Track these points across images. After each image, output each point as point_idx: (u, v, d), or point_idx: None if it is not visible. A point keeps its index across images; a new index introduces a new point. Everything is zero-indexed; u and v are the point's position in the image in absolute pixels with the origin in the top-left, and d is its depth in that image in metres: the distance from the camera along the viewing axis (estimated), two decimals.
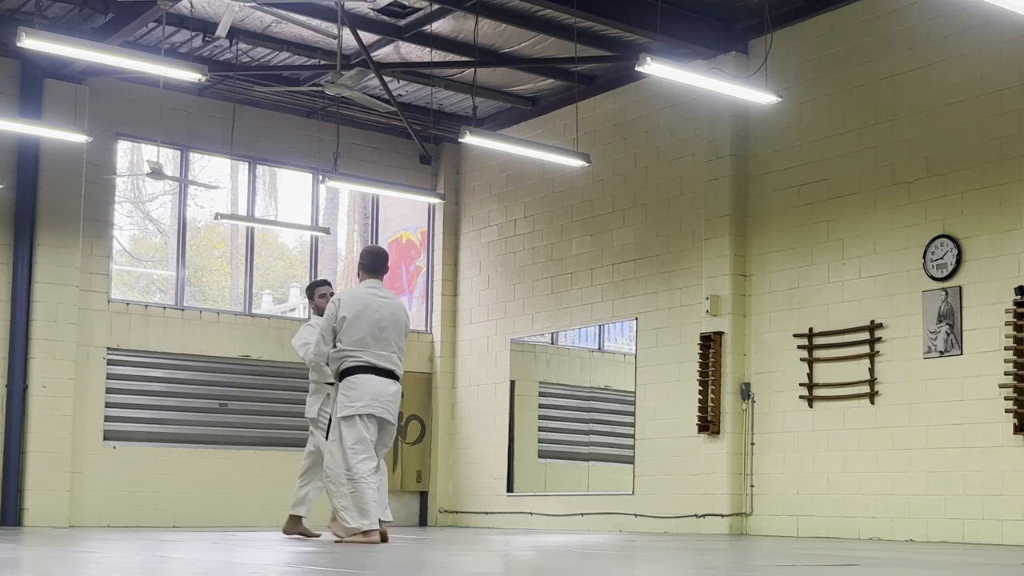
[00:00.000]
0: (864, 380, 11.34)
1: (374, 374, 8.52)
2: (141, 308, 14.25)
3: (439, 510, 15.80)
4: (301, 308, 19.98)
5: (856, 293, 11.51)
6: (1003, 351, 10.27)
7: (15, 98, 13.34)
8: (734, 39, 12.54)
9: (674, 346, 13.11)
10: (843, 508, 11.38)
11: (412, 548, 8.00)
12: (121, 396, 13.96)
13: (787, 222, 12.15)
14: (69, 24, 12.40)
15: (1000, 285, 10.41)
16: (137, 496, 13.85)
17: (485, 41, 13.10)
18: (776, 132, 12.28)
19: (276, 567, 5.62)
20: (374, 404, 8.48)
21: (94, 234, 13.84)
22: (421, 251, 16.42)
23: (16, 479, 13.09)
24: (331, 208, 19.36)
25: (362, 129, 15.65)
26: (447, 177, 16.18)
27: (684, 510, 12.70)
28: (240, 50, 13.34)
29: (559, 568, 5.77)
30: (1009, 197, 10.46)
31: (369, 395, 8.46)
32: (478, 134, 11.73)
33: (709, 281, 12.60)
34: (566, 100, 14.04)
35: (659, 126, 13.56)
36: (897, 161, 11.29)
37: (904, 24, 11.33)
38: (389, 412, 8.57)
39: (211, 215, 17.02)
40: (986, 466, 10.35)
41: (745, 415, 12.29)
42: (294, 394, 15.04)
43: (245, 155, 15.02)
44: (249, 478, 14.56)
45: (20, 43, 9.37)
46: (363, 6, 12.22)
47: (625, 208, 13.86)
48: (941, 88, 10.99)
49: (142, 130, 14.19)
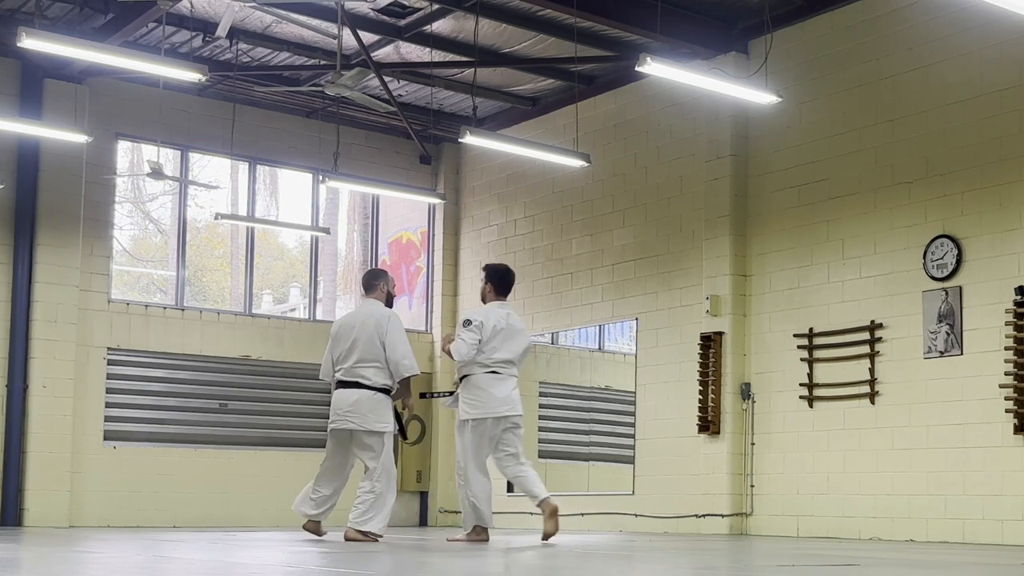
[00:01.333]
0: (864, 380, 11.34)
1: (341, 387, 9.07)
2: (141, 308, 14.25)
3: (439, 510, 15.80)
4: (301, 308, 20.00)
5: (856, 293, 11.51)
6: (1003, 351, 10.27)
7: (15, 98, 13.34)
8: (734, 39, 12.54)
9: (674, 346, 13.11)
10: (843, 508, 11.38)
11: (412, 548, 8.00)
12: (121, 396, 13.96)
13: (787, 222, 12.15)
14: (69, 24, 12.40)
15: (1000, 285, 10.41)
16: (137, 496, 13.85)
17: (485, 41, 13.10)
18: (776, 132, 12.28)
19: (276, 567, 5.62)
20: (334, 418, 8.99)
21: (94, 234, 13.84)
22: (421, 251, 16.41)
23: (16, 479, 13.09)
24: (331, 208, 19.37)
25: (362, 129, 15.65)
26: (447, 177, 16.18)
27: (684, 510, 12.70)
28: (240, 50, 13.34)
29: (559, 568, 5.77)
30: (1009, 197, 10.46)
31: (332, 411, 9.05)
32: (478, 134, 11.72)
33: (709, 281, 12.60)
34: (566, 100, 14.04)
35: (659, 126, 13.56)
36: (897, 161, 11.29)
37: (904, 24, 11.33)
38: (347, 421, 8.96)
39: (211, 215, 17.03)
40: (986, 466, 10.35)
41: (745, 415, 12.29)
42: (294, 394, 15.06)
43: (245, 155, 15.02)
44: (249, 478, 14.56)
45: (20, 43, 9.37)
46: (363, 6, 12.22)
47: (625, 208, 13.86)
48: (941, 88, 10.99)
49: (142, 130, 14.19)
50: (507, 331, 8.90)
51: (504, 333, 8.88)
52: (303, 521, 9.31)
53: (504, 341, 8.87)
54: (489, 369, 8.85)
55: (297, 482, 14.77)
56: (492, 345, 8.83)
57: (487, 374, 8.84)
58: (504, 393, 8.84)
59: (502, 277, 9.15)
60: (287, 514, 14.42)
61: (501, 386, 8.84)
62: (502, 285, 9.12)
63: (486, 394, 8.79)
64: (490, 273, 9.16)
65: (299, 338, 15.10)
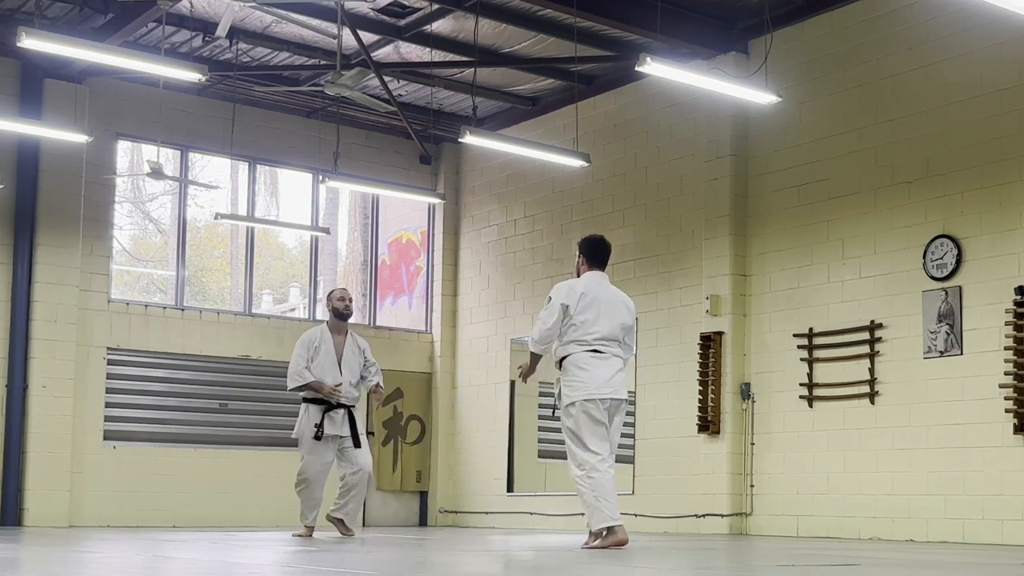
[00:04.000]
0: (864, 380, 11.34)
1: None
2: (141, 308, 14.25)
3: (439, 510, 15.79)
4: (301, 308, 19.99)
5: (856, 293, 11.50)
6: (1003, 351, 10.26)
7: (15, 98, 13.33)
8: (734, 39, 12.54)
9: (674, 346, 13.11)
10: (843, 508, 11.38)
11: (412, 548, 8.00)
12: (121, 396, 13.96)
13: (787, 222, 12.15)
14: (69, 24, 12.40)
15: (1000, 285, 10.41)
16: (137, 496, 13.85)
17: (485, 41, 13.10)
18: (776, 132, 12.28)
19: (276, 567, 5.62)
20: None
21: (94, 234, 13.84)
22: (421, 251, 16.41)
23: (16, 479, 13.09)
24: (331, 208, 19.37)
25: (362, 129, 15.65)
26: (447, 177, 16.18)
27: (684, 510, 12.70)
28: (240, 50, 13.34)
29: (559, 568, 5.77)
30: (1009, 197, 10.45)
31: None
32: (478, 134, 11.73)
33: (709, 281, 12.60)
34: (566, 100, 14.04)
35: (659, 126, 13.56)
36: (897, 161, 11.29)
37: (904, 24, 11.33)
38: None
39: (211, 215, 17.04)
40: (986, 466, 10.35)
41: (745, 415, 12.29)
42: (294, 394, 15.04)
43: (245, 155, 15.02)
44: (249, 478, 14.56)
45: (20, 43, 9.37)
46: (363, 6, 12.22)
47: (625, 208, 13.85)
48: (941, 88, 10.99)
49: (142, 130, 14.19)
50: (604, 302, 7.93)
51: (599, 304, 7.90)
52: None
53: (601, 314, 7.89)
54: (590, 347, 7.86)
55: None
56: (584, 318, 7.85)
57: (587, 353, 7.86)
58: (607, 375, 7.86)
59: (594, 247, 8.19)
60: (287, 514, 14.43)
61: (604, 367, 7.87)
62: (594, 255, 8.17)
63: (587, 374, 7.81)
64: (581, 246, 8.24)
65: (299, 338, 15.06)
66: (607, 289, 8.05)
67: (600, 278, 8.08)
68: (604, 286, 8.04)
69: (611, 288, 8.12)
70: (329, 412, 9.95)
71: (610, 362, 7.87)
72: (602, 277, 8.11)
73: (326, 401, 9.97)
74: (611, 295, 8.03)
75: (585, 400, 7.77)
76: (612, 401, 7.85)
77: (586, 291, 7.88)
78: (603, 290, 8.01)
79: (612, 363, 7.88)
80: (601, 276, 8.11)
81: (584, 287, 7.91)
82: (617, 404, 7.90)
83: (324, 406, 9.97)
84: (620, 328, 7.96)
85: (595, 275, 8.09)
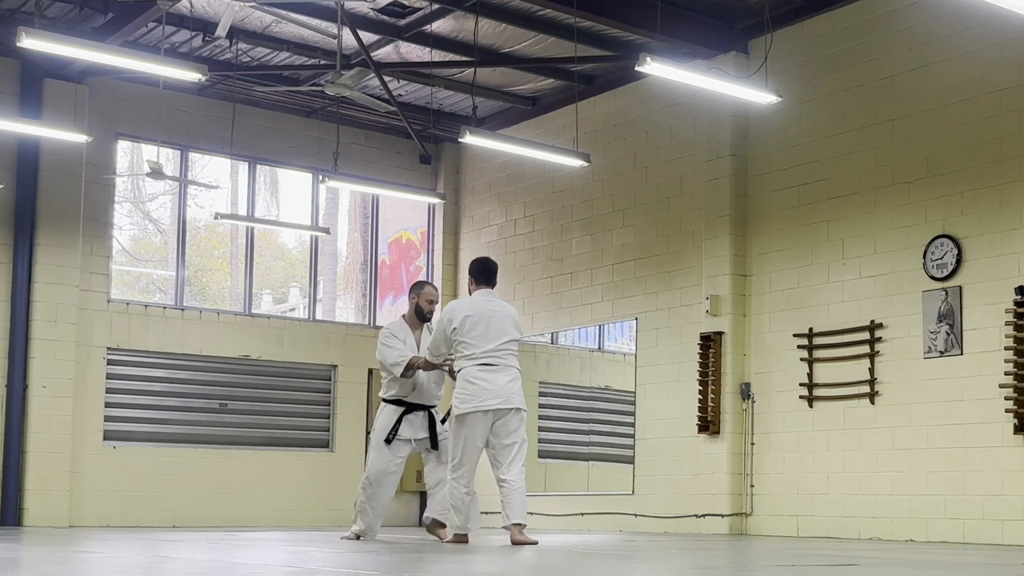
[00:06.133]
0: (864, 380, 11.34)
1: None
2: (141, 308, 14.25)
3: None
4: (301, 308, 20.00)
5: (856, 293, 11.51)
6: (1003, 351, 10.27)
7: (15, 98, 13.34)
8: (734, 39, 12.54)
9: (674, 346, 13.11)
10: (843, 508, 11.38)
11: (412, 548, 8.00)
12: (121, 396, 13.96)
13: (787, 222, 12.16)
14: (69, 24, 12.40)
15: (1000, 285, 10.41)
16: (137, 496, 13.85)
17: (485, 41, 13.10)
18: (776, 132, 12.28)
19: (276, 567, 5.62)
20: None
21: (94, 234, 13.84)
22: (421, 251, 16.41)
23: (16, 479, 13.09)
24: (331, 208, 19.37)
25: (362, 129, 15.65)
26: (447, 177, 16.18)
27: (684, 510, 12.70)
28: (240, 50, 13.34)
29: (559, 568, 5.77)
30: (1009, 197, 10.46)
31: None
32: (478, 134, 11.73)
33: (709, 281, 12.60)
34: (566, 100, 14.04)
35: (659, 126, 13.56)
36: (897, 161, 11.29)
37: (904, 24, 11.33)
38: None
39: (211, 215, 17.03)
40: (986, 466, 10.35)
41: (745, 415, 12.29)
42: (294, 394, 15.07)
43: (245, 155, 15.02)
44: (249, 478, 14.56)
45: (20, 43, 9.36)
46: (363, 6, 12.22)
47: (625, 208, 13.86)
48: (941, 88, 10.99)
49: (142, 130, 14.19)
50: (492, 318, 8.52)
51: (487, 320, 8.51)
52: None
53: (491, 329, 8.50)
54: (480, 361, 8.48)
55: (297, 482, 14.85)
56: (474, 335, 8.48)
57: (476, 367, 8.47)
58: (498, 385, 8.45)
59: (481, 268, 8.85)
60: (287, 514, 14.44)
61: (496, 376, 8.45)
62: (482, 275, 8.81)
63: (475, 387, 8.42)
64: (471, 268, 8.93)
65: (299, 338, 15.10)
66: (495, 305, 8.69)
67: (489, 296, 8.76)
68: (493, 303, 8.69)
69: (499, 303, 8.76)
70: (408, 414, 9.34)
71: (504, 372, 8.51)
72: (491, 294, 8.79)
73: (406, 402, 9.34)
74: (499, 310, 8.67)
75: (470, 412, 8.44)
76: (498, 411, 8.46)
77: (471, 312, 8.55)
78: (491, 307, 8.65)
79: (506, 373, 8.52)
80: (490, 293, 8.79)
81: (470, 309, 8.59)
82: (505, 412, 8.49)
83: (404, 408, 9.33)
84: (508, 342, 8.60)
85: (483, 293, 8.76)
